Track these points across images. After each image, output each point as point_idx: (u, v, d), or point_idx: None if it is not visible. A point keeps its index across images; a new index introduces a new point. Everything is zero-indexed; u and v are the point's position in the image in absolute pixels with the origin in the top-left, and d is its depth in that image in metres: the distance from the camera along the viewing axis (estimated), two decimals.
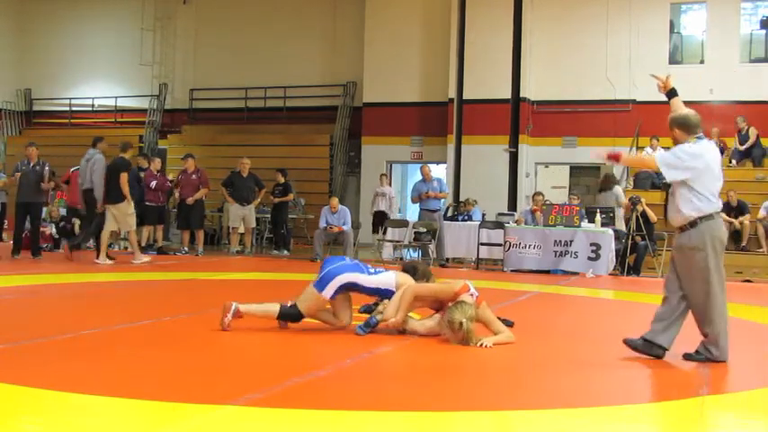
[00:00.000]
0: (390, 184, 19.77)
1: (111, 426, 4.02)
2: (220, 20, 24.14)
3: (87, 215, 14.14)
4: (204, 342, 6.36)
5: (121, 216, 13.39)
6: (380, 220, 17.61)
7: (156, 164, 16.50)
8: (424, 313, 6.95)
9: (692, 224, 5.79)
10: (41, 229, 14.68)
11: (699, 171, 5.77)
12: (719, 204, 5.85)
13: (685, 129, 5.96)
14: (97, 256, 13.46)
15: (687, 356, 5.90)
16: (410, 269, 7.04)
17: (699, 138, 5.93)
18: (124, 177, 13.24)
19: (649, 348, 5.86)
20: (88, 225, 14.08)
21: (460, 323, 6.21)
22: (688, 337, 6.01)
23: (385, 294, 6.75)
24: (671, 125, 6.04)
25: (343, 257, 7.01)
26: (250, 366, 5.51)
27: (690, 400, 4.84)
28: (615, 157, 6.11)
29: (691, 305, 5.88)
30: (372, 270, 6.80)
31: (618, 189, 15.58)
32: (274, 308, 6.71)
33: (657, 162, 5.87)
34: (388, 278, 6.74)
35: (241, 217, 16.51)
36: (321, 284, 6.60)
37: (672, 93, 6.28)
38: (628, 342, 5.95)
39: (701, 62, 20.07)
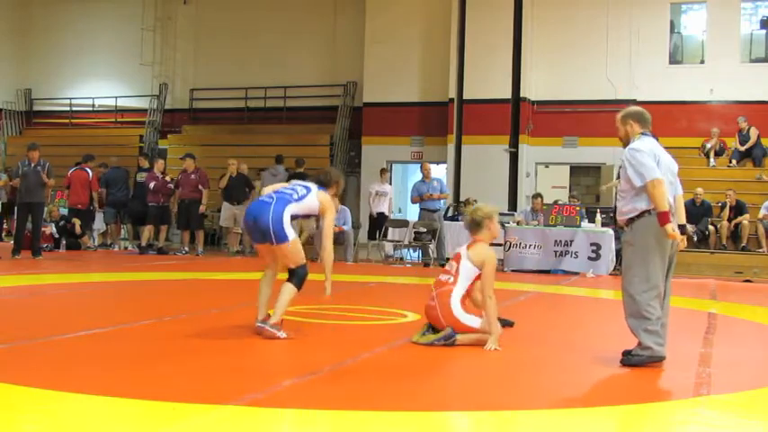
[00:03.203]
0: (391, 182, 19.53)
1: (110, 426, 4.02)
2: (221, 20, 24.12)
3: None
4: (204, 342, 6.36)
5: (305, 222, 14.78)
6: (381, 222, 16.80)
7: (160, 165, 16.52)
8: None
9: (631, 221, 5.78)
10: (42, 228, 14.68)
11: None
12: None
13: (640, 121, 5.96)
14: None
15: (622, 362, 5.78)
16: (320, 180, 6.73)
17: (644, 134, 5.91)
18: None
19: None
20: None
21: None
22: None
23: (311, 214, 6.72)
24: (625, 118, 5.98)
25: (267, 202, 6.44)
26: (250, 366, 5.51)
27: (690, 400, 4.84)
28: (665, 220, 5.65)
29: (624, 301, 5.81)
30: (297, 196, 6.49)
31: None
32: (289, 290, 6.42)
33: (656, 181, 5.61)
34: (312, 202, 6.53)
35: (232, 217, 16.54)
36: (281, 237, 6.30)
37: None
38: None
39: (702, 62, 20.06)
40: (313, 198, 6.54)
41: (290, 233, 6.34)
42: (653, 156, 5.77)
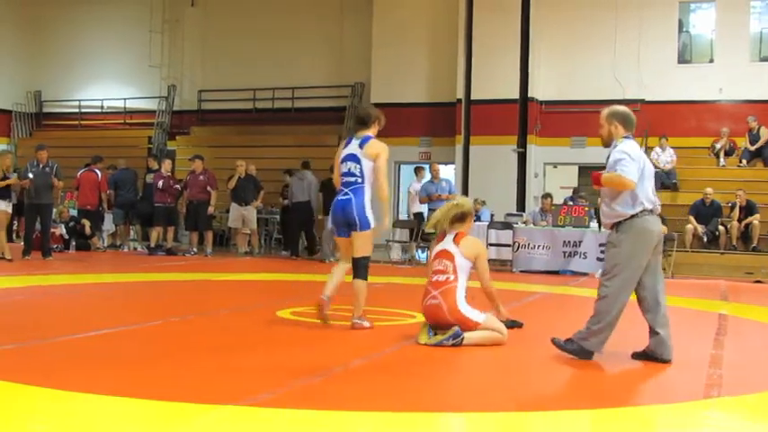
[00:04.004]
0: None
1: (119, 426, 4.02)
2: (228, 22, 24.14)
3: (299, 223, 16.57)
4: (214, 342, 6.37)
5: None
6: (420, 222, 16.03)
7: (167, 165, 16.58)
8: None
9: (619, 224, 5.84)
10: (51, 229, 14.74)
11: (639, 171, 5.80)
12: (650, 205, 5.84)
13: (625, 124, 5.96)
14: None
15: (555, 341, 5.98)
16: (362, 121, 7.23)
17: (627, 137, 5.93)
18: None
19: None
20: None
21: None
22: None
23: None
24: (610, 118, 5.97)
25: (348, 199, 7.01)
26: (260, 366, 5.51)
27: (700, 402, 4.82)
28: (596, 180, 5.96)
29: (599, 295, 5.91)
30: (359, 177, 6.98)
31: None
32: (361, 285, 6.97)
33: (626, 179, 5.70)
34: (367, 166, 7.01)
35: (240, 217, 16.57)
36: (365, 224, 6.95)
37: None
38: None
39: (711, 61, 19.97)
40: (366, 162, 7.02)
41: (372, 222, 7.00)
42: (641, 162, 5.81)
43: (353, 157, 7.03)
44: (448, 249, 6.43)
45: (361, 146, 7.04)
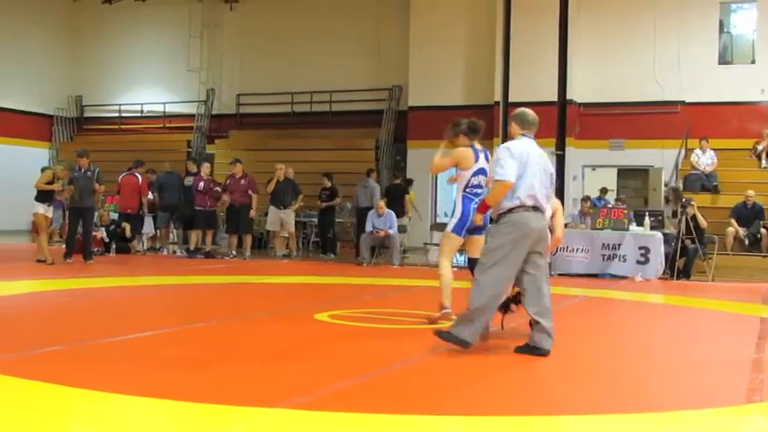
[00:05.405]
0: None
1: (152, 426, 4.07)
2: (266, 26, 24.32)
3: (358, 227, 17.15)
4: (252, 345, 6.43)
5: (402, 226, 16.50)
6: None
7: (206, 168, 16.71)
8: None
9: (500, 216, 6.09)
10: (93, 233, 14.94)
11: (521, 167, 6.00)
12: (529, 201, 6.01)
13: (520, 124, 6.30)
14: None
15: (437, 334, 6.15)
16: (474, 131, 7.58)
17: (524, 135, 6.22)
18: (407, 198, 17.20)
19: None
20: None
21: None
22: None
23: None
24: (511, 119, 6.37)
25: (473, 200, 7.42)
26: (297, 369, 5.54)
27: (742, 407, 4.76)
28: (482, 210, 6.44)
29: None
30: (485, 187, 7.23)
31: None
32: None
33: (502, 182, 5.97)
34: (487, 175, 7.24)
35: (279, 221, 16.67)
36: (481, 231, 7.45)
37: None
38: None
39: (752, 62, 19.70)
40: (487, 173, 7.26)
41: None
42: (522, 156, 6.01)
43: (485, 172, 7.44)
44: None
45: (486, 159, 7.51)
